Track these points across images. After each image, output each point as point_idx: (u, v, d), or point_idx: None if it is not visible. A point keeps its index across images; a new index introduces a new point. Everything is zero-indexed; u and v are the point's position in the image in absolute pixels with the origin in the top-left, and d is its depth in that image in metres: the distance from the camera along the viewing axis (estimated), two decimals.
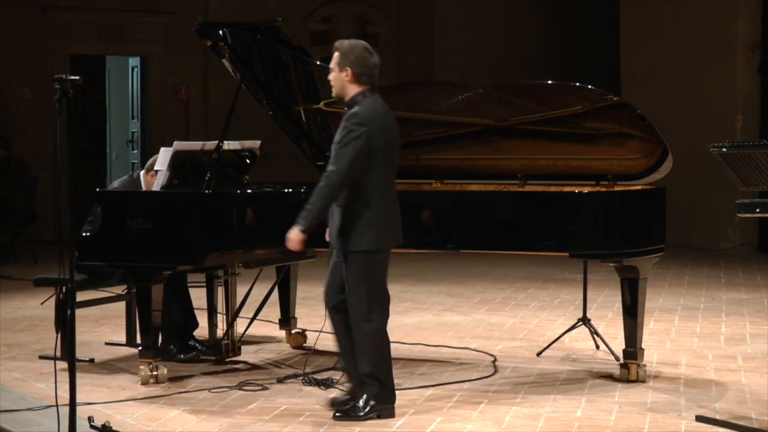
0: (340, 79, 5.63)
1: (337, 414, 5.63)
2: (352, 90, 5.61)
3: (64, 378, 4.98)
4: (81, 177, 7.83)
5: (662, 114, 11.26)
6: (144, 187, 6.88)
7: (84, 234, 6.42)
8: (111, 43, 15.20)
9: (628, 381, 6.39)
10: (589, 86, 6.44)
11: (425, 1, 16.46)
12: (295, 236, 5.56)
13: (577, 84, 6.51)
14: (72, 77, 5.05)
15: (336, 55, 5.64)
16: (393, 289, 10.22)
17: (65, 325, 6.13)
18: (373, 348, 5.61)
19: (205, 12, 14.76)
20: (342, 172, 5.50)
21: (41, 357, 7.08)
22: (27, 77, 14.38)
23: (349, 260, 5.58)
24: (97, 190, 6.64)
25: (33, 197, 12.58)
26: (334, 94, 5.77)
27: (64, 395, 4.89)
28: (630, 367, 6.41)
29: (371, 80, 5.63)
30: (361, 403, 5.61)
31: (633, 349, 6.41)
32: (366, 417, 5.57)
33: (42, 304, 8.51)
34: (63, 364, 5.70)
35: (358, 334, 5.61)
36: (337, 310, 5.74)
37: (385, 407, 5.63)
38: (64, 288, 6.46)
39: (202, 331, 7.52)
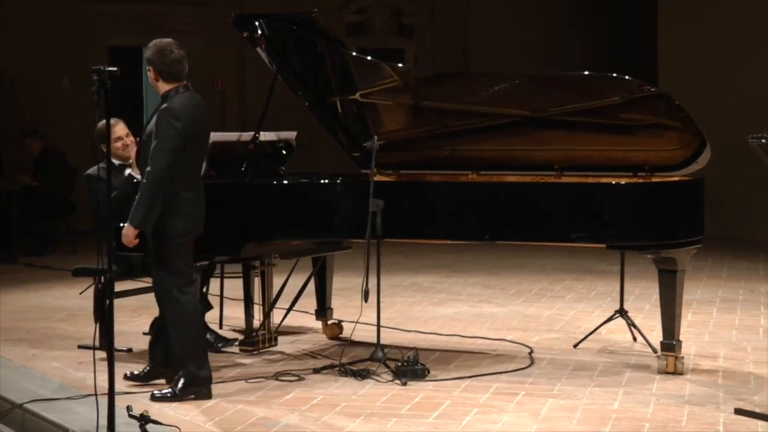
0: (151, 78, 5.85)
1: (155, 394, 5.81)
2: (163, 87, 5.82)
3: (102, 367, 5.01)
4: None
5: (700, 105, 11.16)
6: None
7: (122, 225, 6.45)
8: (148, 35, 15.17)
9: (666, 373, 6.35)
10: (627, 77, 6.39)
11: None
12: (127, 231, 5.76)
13: (615, 75, 6.46)
14: (110, 68, 5.09)
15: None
16: (429, 280, 10.33)
17: (104, 315, 6.17)
18: (190, 326, 5.81)
19: (240, 3, 14.80)
20: (162, 168, 5.65)
21: (80, 346, 7.14)
22: (65, 69, 14.49)
23: (158, 244, 5.78)
24: (135, 181, 6.68)
25: (71, 188, 12.68)
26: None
27: (103, 384, 4.92)
28: (668, 360, 6.37)
29: (175, 76, 5.81)
30: (178, 384, 5.79)
31: (671, 341, 6.38)
32: (183, 398, 5.76)
33: (81, 294, 8.57)
34: (101, 354, 5.75)
35: (170, 312, 5.82)
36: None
37: (199, 389, 5.81)
38: (102, 278, 6.50)
39: (238, 321, 7.56)
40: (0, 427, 5.66)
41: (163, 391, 5.83)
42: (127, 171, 6.94)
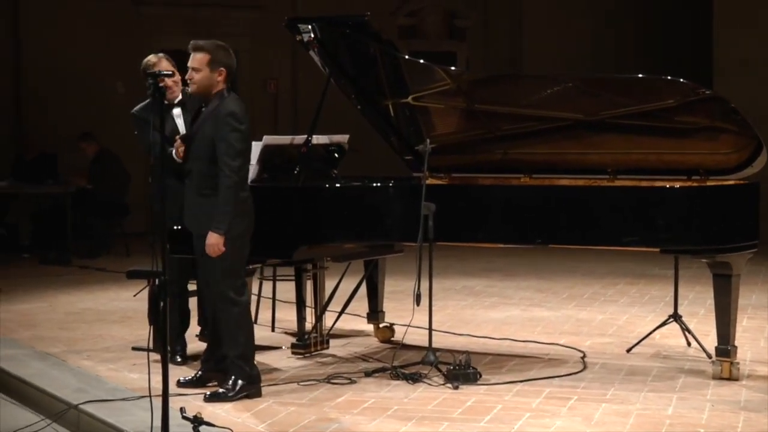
0: (210, 79, 5.89)
1: (208, 395, 5.85)
2: (219, 87, 5.91)
3: (156, 369, 5.05)
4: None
5: (756, 107, 11.02)
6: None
7: (175, 227, 6.50)
8: (200, 38, 15.30)
9: (721, 379, 6.28)
10: (681, 79, 6.33)
11: None
12: (215, 240, 5.78)
13: (669, 77, 6.41)
14: (165, 72, 5.12)
15: (201, 55, 5.99)
16: (481, 283, 10.31)
17: (158, 317, 6.22)
18: (244, 327, 5.92)
19: (293, 6, 14.86)
20: (237, 171, 5.78)
21: (134, 348, 7.20)
22: (119, 72, 14.61)
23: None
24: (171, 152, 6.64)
25: (126, 191, 12.80)
26: (192, 91, 6.10)
27: (157, 386, 4.96)
28: (723, 365, 6.31)
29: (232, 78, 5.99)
30: (230, 383, 5.86)
31: (726, 347, 6.31)
32: (237, 397, 5.83)
33: (134, 296, 8.65)
34: (155, 356, 5.80)
35: (226, 315, 5.88)
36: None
37: (253, 387, 5.91)
38: (156, 280, 6.54)
39: (290, 324, 7.59)
40: (55, 427, 5.73)
41: (218, 392, 5.87)
42: (176, 111, 6.88)
